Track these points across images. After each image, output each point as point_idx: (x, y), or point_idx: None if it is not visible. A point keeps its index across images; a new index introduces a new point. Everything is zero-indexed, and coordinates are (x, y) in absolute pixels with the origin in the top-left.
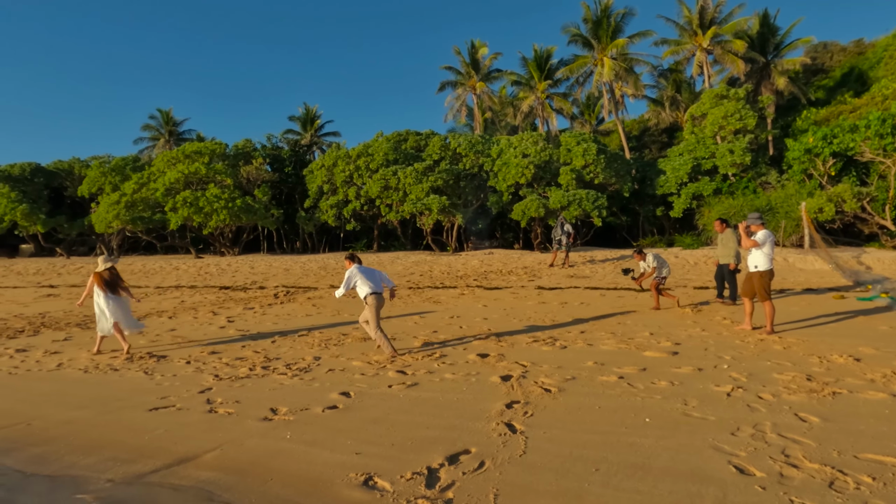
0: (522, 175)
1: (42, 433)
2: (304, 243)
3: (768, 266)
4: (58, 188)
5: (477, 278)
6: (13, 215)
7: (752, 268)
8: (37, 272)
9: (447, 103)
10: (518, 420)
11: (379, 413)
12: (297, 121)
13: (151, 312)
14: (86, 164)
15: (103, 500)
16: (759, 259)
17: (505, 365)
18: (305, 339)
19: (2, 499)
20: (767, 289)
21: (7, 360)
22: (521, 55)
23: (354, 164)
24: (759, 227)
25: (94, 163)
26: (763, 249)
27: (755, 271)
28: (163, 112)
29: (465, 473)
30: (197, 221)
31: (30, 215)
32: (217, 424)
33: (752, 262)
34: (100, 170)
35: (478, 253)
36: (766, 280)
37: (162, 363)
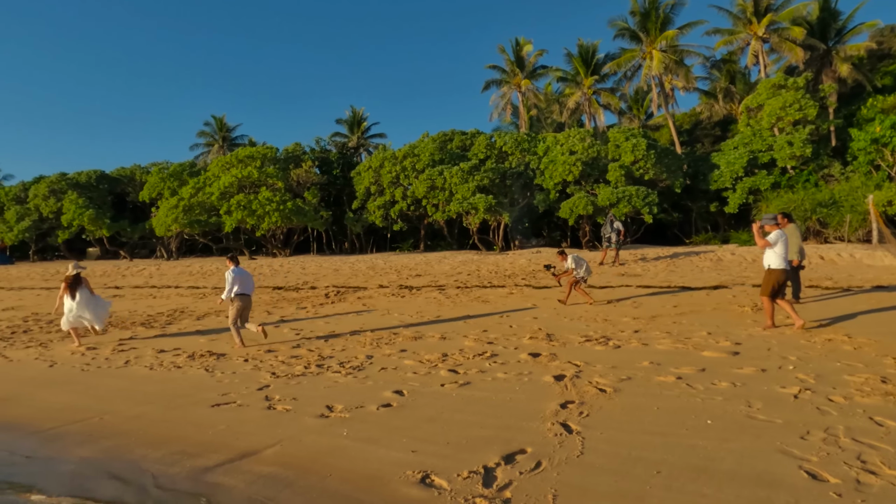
0: (570, 172)
1: (114, 427)
2: (353, 244)
3: (781, 265)
4: (121, 194)
5: (525, 277)
6: (81, 220)
7: (766, 266)
8: (103, 274)
9: (492, 102)
10: (573, 420)
11: (433, 411)
12: (344, 123)
13: (210, 312)
14: (146, 171)
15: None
16: (772, 258)
17: (557, 364)
18: (357, 338)
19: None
20: (774, 287)
21: (79, 357)
22: (566, 51)
23: (401, 164)
24: (772, 227)
25: (153, 169)
26: (775, 249)
27: (768, 270)
28: (217, 118)
29: (522, 473)
30: (250, 224)
31: (96, 220)
32: (276, 421)
33: (765, 261)
34: (159, 175)
35: (525, 252)
36: (773, 278)
37: (222, 361)
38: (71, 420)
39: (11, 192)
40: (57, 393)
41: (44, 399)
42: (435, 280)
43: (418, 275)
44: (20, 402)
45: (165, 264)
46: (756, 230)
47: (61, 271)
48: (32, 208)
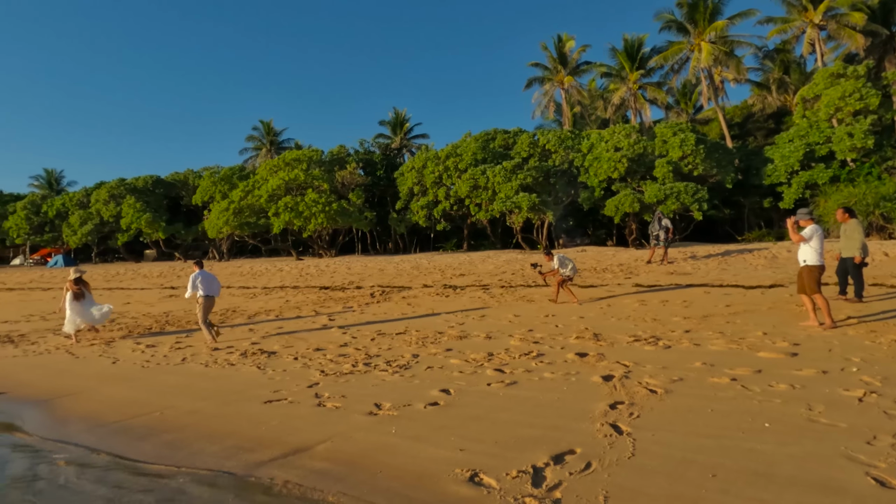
0: (615, 169)
1: (173, 421)
2: (396, 244)
3: (816, 261)
4: (175, 198)
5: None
6: (139, 224)
7: (801, 262)
8: (159, 275)
9: (534, 100)
10: (623, 421)
11: (480, 411)
12: (387, 125)
13: (260, 311)
14: (198, 175)
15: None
16: (808, 254)
17: (605, 365)
18: (403, 337)
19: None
20: (818, 282)
21: (139, 354)
22: (610, 46)
23: (443, 164)
24: (808, 221)
25: (205, 173)
26: (811, 244)
27: (804, 266)
28: (264, 123)
29: (571, 474)
30: (297, 225)
31: (152, 223)
32: (326, 418)
33: (800, 257)
34: (210, 179)
35: (570, 250)
36: (815, 274)
37: (272, 359)
38: (133, 414)
39: (75, 198)
40: (120, 388)
41: (109, 394)
42: (479, 279)
43: (462, 274)
44: (88, 397)
45: (217, 265)
46: (790, 225)
47: (121, 273)
48: (94, 213)
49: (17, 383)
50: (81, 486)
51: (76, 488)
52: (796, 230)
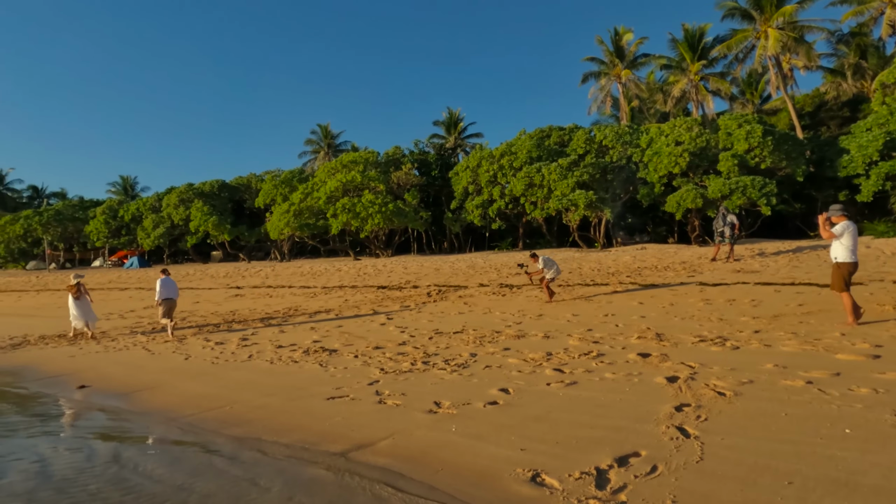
0: (676, 164)
1: (242, 415)
2: (451, 243)
3: (848, 258)
4: (239, 201)
5: (630, 275)
6: (206, 226)
7: (833, 259)
8: (225, 275)
9: (590, 95)
10: (690, 424)
11: (540, 410)
12: (441, 125)
13: (320, 310)
14: (260, 179)
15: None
16: (839, 251)
17: (669, 365)
18: (460, 336)
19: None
20: (847, 280)
21: (209, 351)
22: (670, 37)
23: (498, 163)
24: (840, 217)
25: (267, 177)
26: (842, 241)
27: (834, 263)
28: (322, 126)
29: (636, 477)
30: (354, 226)
31: (218, 226)
32: (387, 415)
33: (832, 254)
34: (272, 183)
35: (629, 248)
36: (844, 271)
37: (334, 357)
38: (206, 408)
39: (148, 203)
40: (193, 383)
41: (183, 388)
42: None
43: (518, 273)
44: (164, 391)
45: (279, 265)
46: (822, 221)
47: (190, 273)
48: (165, 216)
49: (100, 377)
50: (169, 468)
51: (167, 469)
52: (828, 227)
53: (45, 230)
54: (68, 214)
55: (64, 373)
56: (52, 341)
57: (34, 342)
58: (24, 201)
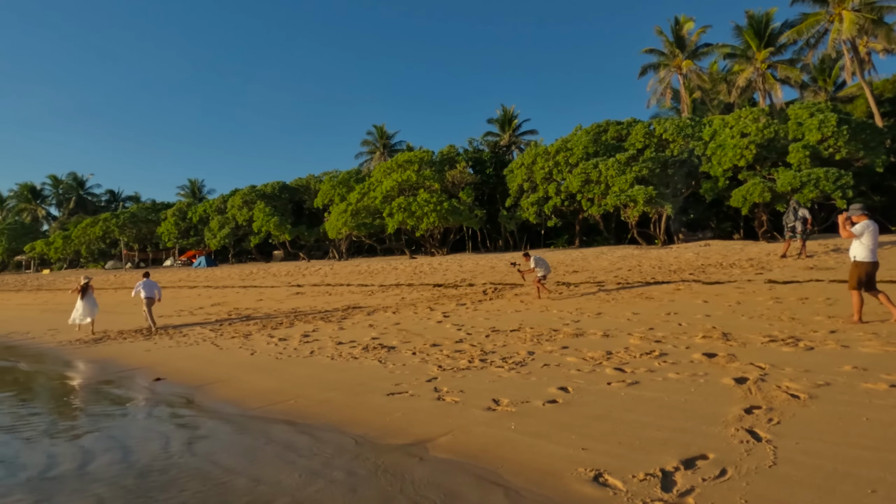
0: (741, 157)
1: (306, 409)
2: (506, 241)
3: (867, 257)
4: (298, 202)
5: (693, 272)
6: (268, 226)
7: (852, 258)
8: (287, 274)
9: (649, 88)
10: (761, 427)
11: (601, 410)
12: (495, 123)
13: (378, 308)
14: (319, 180)
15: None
16: (859, 250)
17: (737, 366)
18: (517, 334)
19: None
20: (861, 279)
21: (273, 347)
22: (733, 25)
23: (553, 160)
24: (860, 217)
25: (325, 178)
26: (862, 240)
27: (854, 262)
28: (377, 127)
29: (704, 480)
30: (410, 225)
31: (279, 226)
32: (446, 411)
33: (851, 253)
34: (330, 183)
35: (691, 245)
36: (860, 270)
37: (392, 353)
38: (272, 401)
39: (214, 205)
40: (259, 377)
41: (250, 382)
42: (593, 276)
43: (575, 271)
44: (233, 385)
45: (337, 264)
46: (842, 221)
47: (254, 272)
48: (230, 217)
49: (174, 371)
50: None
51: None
52: (848, 226)
53: (122, 232)
54: (142, 217)
55: (141, 366)
56: (129, 336)
57: (114, 337)
58: (103, 205)
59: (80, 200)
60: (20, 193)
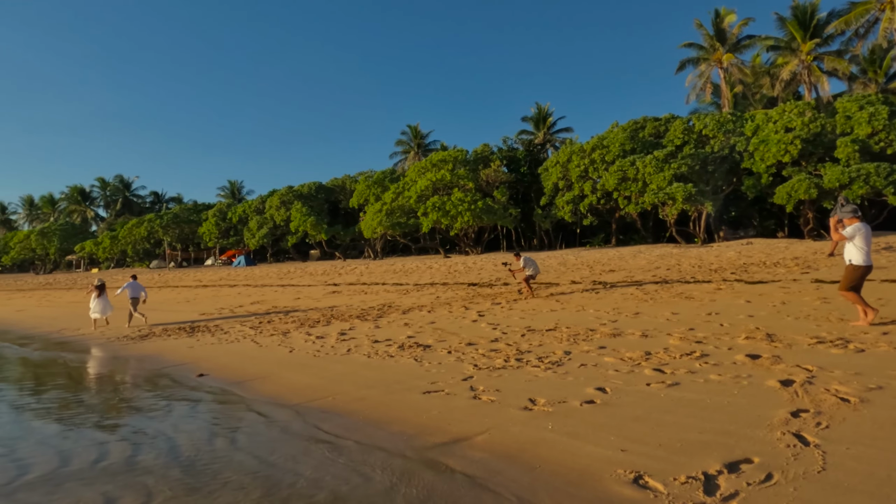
0: (786, 152)
1: (343, 406)
2: (541, 240)
3: (863, 261)
4: (334, 202)
5: (735, 271)
6: (305, 226)
7: (847, 261)
8: (323, 273)
9: (688, 83)
10: (809, 431)
11: (640, 411)
12: (529, 121)
13: (413, 307)
14: (354, 180)
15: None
16: (853, 253)
17: (783, 368)
18: (553, 334)
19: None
20: (854, 281)
21: (311, 345)
22: (776, 16)
23: (589, 157)
24: (852, 220)
25: (360, 178)
26: (854, 243)
27: (848, 265)
28: (411, 127)
29: (749, 484)
30: (444, 224)
31: (316, 226)
32: (482, 410)
33: (846, 256)
34: (365, 184)
35: (733, 243)
36: (855, 273)
37: (428, 352)
38: (311, 398)
39: (252, 205)
40: (298, 374)
41: (289, 379)
42: (630, 275)
43: (612, 270)
44: (273, 381)
45: (373, 263)
46: (833, 224)
47: (291, 271)
48: (268, 217)
49: (216, 366)
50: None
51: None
52: (840, 229)
53: (165, 232)
54: (184, 217)
55: (185, 362)
56: (173, 333)
57: (158, 334)
58: (147, 206)
59: (127, 202)
60: (70, 196)
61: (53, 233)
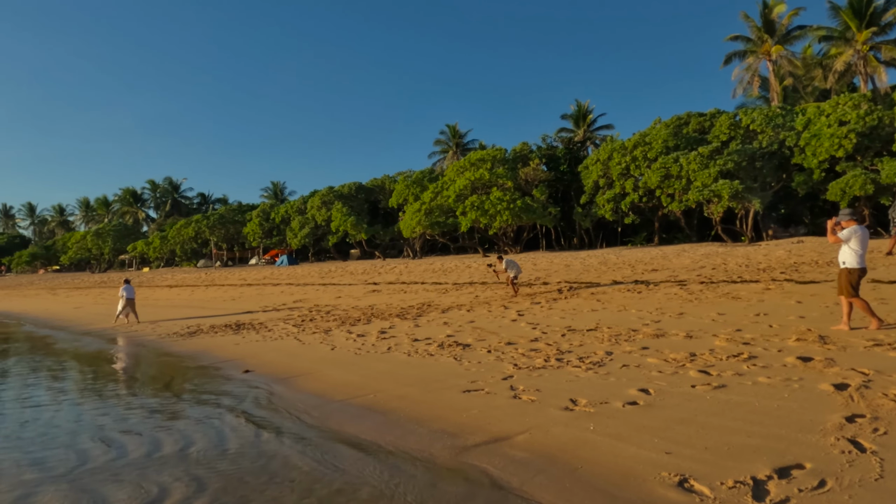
0: (840, 147)
1: (384, 404)
2: (581, 239)
3: (856, 263)
4: (374, 201)
5: (785, 271)
6: (345, 226)
7: (841, 264)
8: (363, 272)
9: (734, 77)
10: (865, 437)
11: (685, 413)
12: (569, 118)
13: (452, 306)
14: (393, 180)
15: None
16: (847, 255)
17: (837, 371)
18: (594, 334)
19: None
20: (854, 285)
21: (352, 343)
22: (829, 4)
23: (630, 154)
24: (849, 222)
25: (399, 178)
26: (850, 245)
27: (842, 268)
28: (450, 127)
29: (801, 490)
30: (483, 223)
31: (356, 225)
32: (522, 410)
33: (840, 258)
34: (404, 183)
35: (782, 242)
36: (851, 277)
37: (467, 351)
38: (353, 395)
39: (295, 205)
40: (340, 371)
41: (331, 376)
42: (674, 275)
43: (655, 269)
44: (316, 378)
45: (412, 262)
46: (830, 226)
47: (332, 270)
48: (310, 218)
49: (261, 363)
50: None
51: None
52: (838, 230)
53: (212, 232)
54: (229, 218)
55: (231, 358)
56: (220, 331)
57: (206, 331)
58: (195, 207)
59: (175, 203)
60: (123, 198)
61: (107, 233)
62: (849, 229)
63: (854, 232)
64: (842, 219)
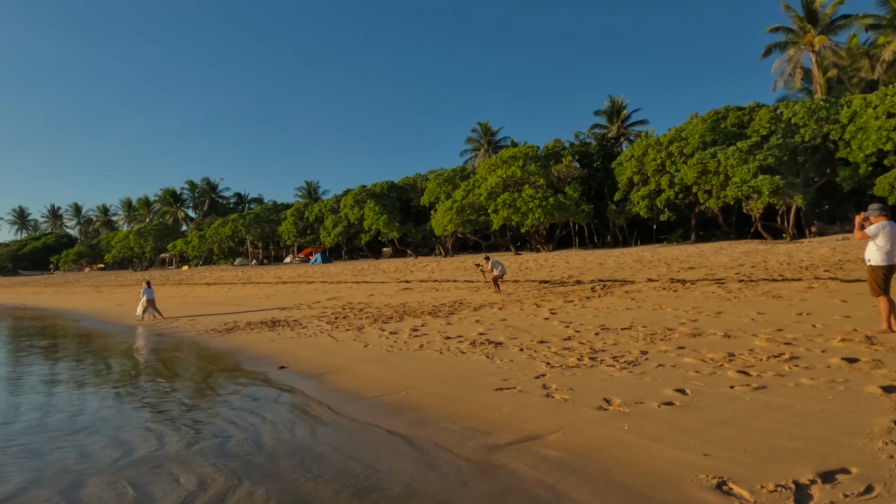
0: (888, 140)
1: (416, 401)
2: (615, 237)
3: (881, 260)
4: (406, 200)
5: (829, 269)
6: (377, 224)
7: (866, 261)
8: (395, 270)
9: (775, 69)
10: None
11: (724, 415)
12: (602, 114)
13: (484, 304)
14: (425, 178)
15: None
16: (872, 252)
17: (884, 373)
18: (629, 333)
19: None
20: (880, 283)
21: (384, 340)
22: None
23: (666, 150)
24: (879, 217)
25: (431, 176)
26: (876, 242)
27: (868, 265)
28: (482, 124)
29: (846, 496)
30: (515, 221)
31: (388, 224)
32: (555, 409)
33: (866, 256)
34: (435, 182)
35: (826, 239)
36: (876, 274)
37: (499, 349)
38: (385, 392)
39: (328, 204)
40: (373, 369)
41: (364, 373)
42: (712, 273)
43: (691, 267)
44: (349, 375)
45: (444, 260)
46: (858, 221)
47: (365, 268)
48: (343, 216)
49: (296, 360)
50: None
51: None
52: (863, 227)
53: (248, 231)
54: (265, 217)
55: (267, 354)
56: (256, 327)
57: (242, 327)
58: (231, 206)
59: (213, 203)
60: (163, 198)
61: (149, 232)
62: (876, 225)
63: (882, 228)
64: (870, 214)
